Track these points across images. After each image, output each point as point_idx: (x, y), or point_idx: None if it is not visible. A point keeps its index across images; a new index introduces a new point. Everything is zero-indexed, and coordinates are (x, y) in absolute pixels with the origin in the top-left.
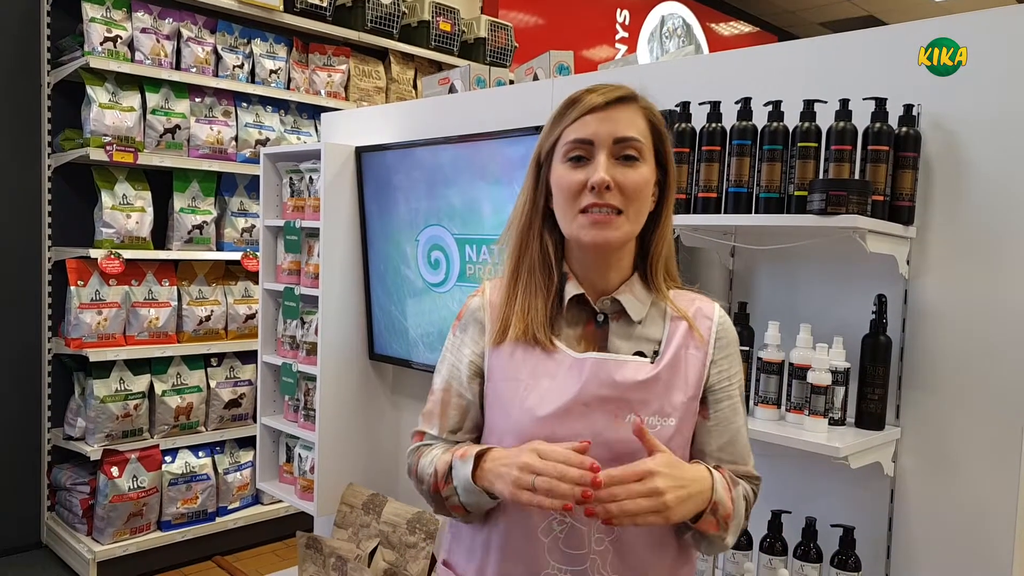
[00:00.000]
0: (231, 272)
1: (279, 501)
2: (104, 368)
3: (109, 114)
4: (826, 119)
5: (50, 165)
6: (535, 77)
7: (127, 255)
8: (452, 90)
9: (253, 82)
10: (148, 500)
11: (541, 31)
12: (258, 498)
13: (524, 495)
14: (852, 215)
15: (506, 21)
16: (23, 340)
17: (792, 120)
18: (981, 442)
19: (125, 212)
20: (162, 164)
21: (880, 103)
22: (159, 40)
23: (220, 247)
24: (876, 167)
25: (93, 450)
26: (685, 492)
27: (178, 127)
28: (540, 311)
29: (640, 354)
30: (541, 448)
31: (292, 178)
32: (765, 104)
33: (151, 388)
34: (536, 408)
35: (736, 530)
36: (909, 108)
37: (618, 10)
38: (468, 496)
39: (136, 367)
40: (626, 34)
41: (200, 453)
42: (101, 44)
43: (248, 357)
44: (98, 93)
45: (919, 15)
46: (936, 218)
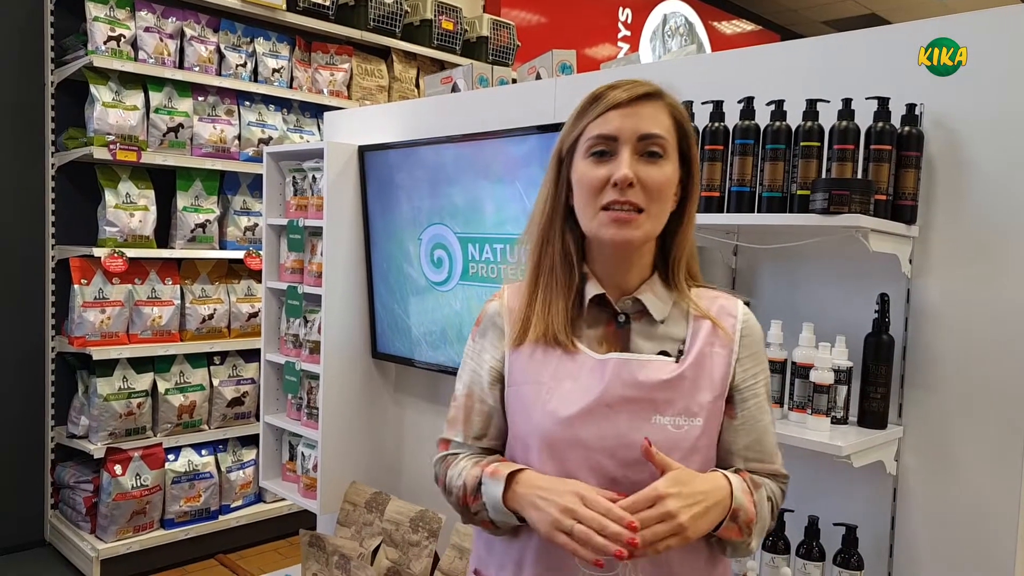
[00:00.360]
0: (234, 271)
1: (282, 499)
2: (107, 366)
3: (113, 113)
4: (828, 118)
5: (54, 164)
6: (538, 76)
7: (130, 254)
8: (455, 89)
9: (256, 81)
10: (151, 498)
11: (543, 29)
12: (261, 496)
13: (560, 538)
14: (855, 214)
15: (508, 20)
16: (27, 338)
17: (794, 119)
18: (983, 441)
19: (128, 211)
20: (165, 163)
21: (883, 102)
22: (162, 39)
23: (223, 246)
24: (879, 166)
25: (96, 448)
26: (701, 507)
27: (181, 126)
28: (561, 312)
29: (664, 353)
30: (585, 494)
31: (295, 177)
32: (768, 103)
33: (154, 386)
34: (558, 410)
35: (761, 533)
36: (912, 107)
37: (620, 8)
38: (497, 515)
39: (139, 365)
40: (628, 32)
41: (203, 451)
42: (105, 43)
43: (251, 355)
44: (102, 92)
45: (921, 13)
46: (938, 217)
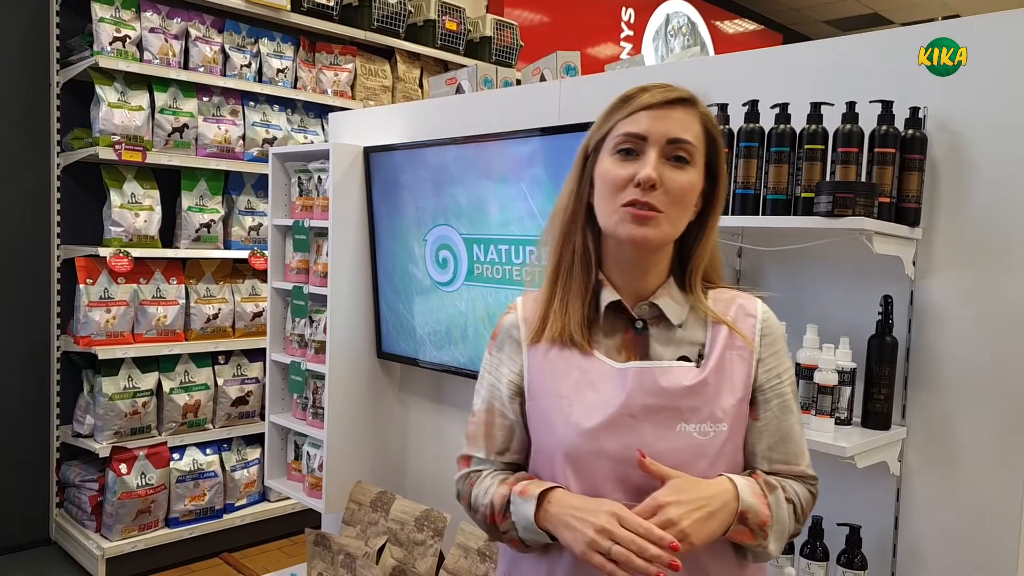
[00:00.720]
0: (238, 270)
1: (286, 498)
2: (113, 366)
3: (118, 113)
4: (832, 122)
5: (59, 164)
6: (542, 78)
7: (135, 253)
8: (459, 90)
9: (260, 81)
10: (156, 497)
11: (546, 29)
12: (265, 495)
13: (597, 559)
14: (859, 217)
15: (511, 20)
16: (32, 338)
17: (798, 122)
18: (987, 441)
19: (133, 211)
20: (170, 163)
21: (886, 106)
22: (167, 40)
23: (227, 245)
24: (882, 169)
25: (102, 447)
26: (703, 512)
27: (186, 126)
28: (577, 311)
29: (684, 359)
30: (622, 514)
31: (300, 177)
32: (772, 107)
33: (159, 386)
34: (582, 421)
35: (780, 535)
36: (915, 111)
37: (623, 8)
38: (528, 534)
39: (144, 365)
40: (631, 32)
41: (207, 450)
42: (110, 44)
43: (255, 355)
44: (107, 92)
45: (923, 13)
46: (942, 219)
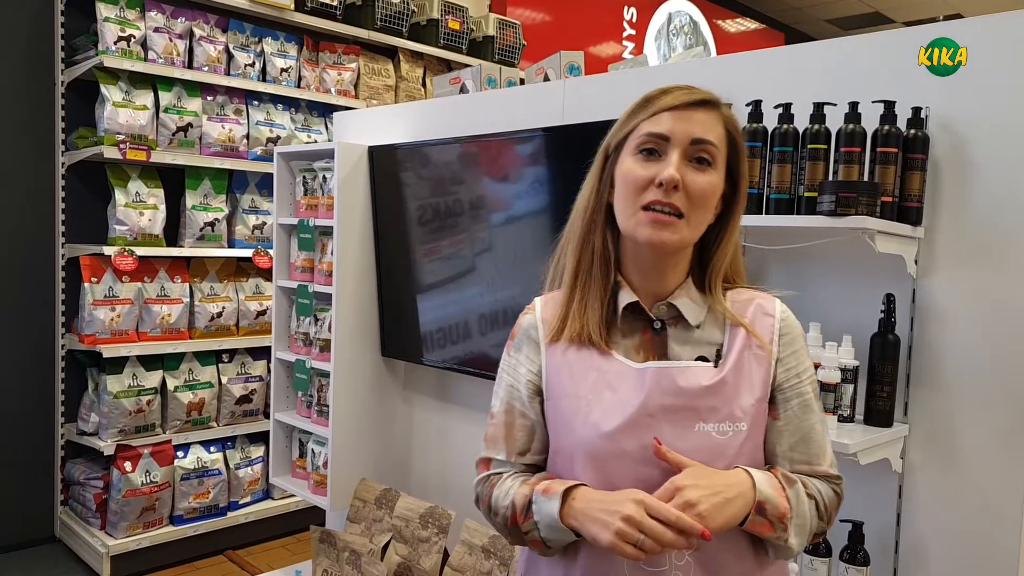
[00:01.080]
0: (242, 269)
1: (290, 496)
2: (117, 364)
3: (123, 112)
4: (834, 122)
5: (64, 163)
6: (546, 78)
7: (140, 252)
8: (463, 90)
9: (264, 80)
10: (161, 495)
11: (548, 28)
12: (269, 493)
13: (628, 549)
14: (862, 216)
15: (514, 19)
16: (37, 336)
17: (801, 122)
18: (988, 439)
19: (138, 209)
20: (174, 162)
21: (889, 106)
22: (172, 39)
23: (231, 244)
24: (885, 169)
25: (106, 445)
26: (720, 498)
27: (190, 125)
28: (596, 312)
29: (702, 359)
30: (648, 503)
31: (305, 177)
32: (775, 107)
33: (163, 384)
34: (601, 423)
35: (801, 531)
36: (917, 111)
37: (625, 7)
38: (551, 533)
39: (149, 363)
40: (633, 32)
41: (212, 448)
42: (115, 43)
43: (259, 353)
44: (112, 92)
45: (924, 12)
46: (943, 218)
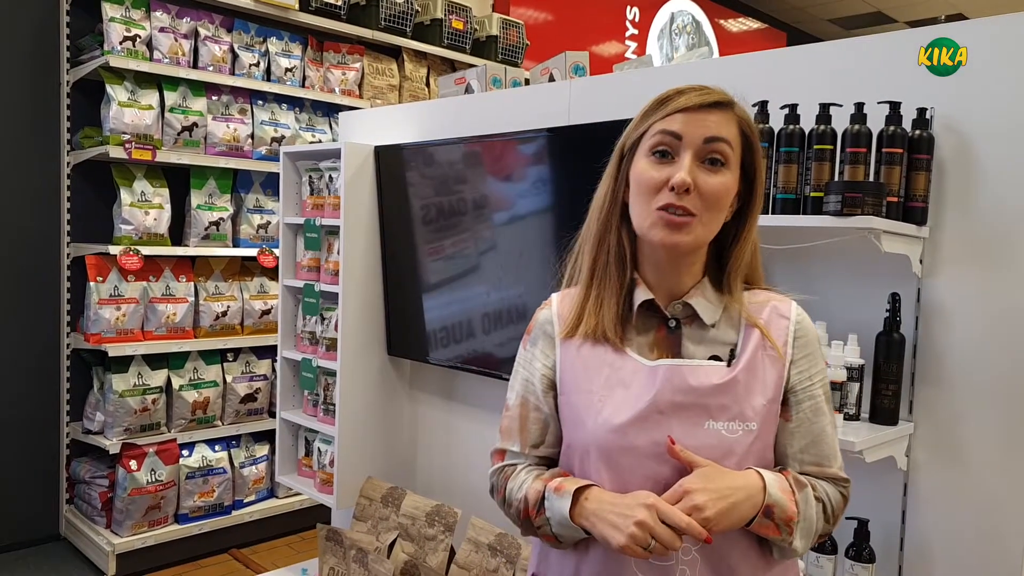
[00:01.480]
0: (247, 268)
1: (294, 495)
2: (122, 363)
3: (128, 112)
4: (840, 123)
5: (69, 163)
6: (551, 78)
7: (145, 251)
8: (468, 90)
9: (269, 80)
10: (166, 493)
11: (551, 28)
12: (273, 492)
13: (639, 552)
14: (867, 216)
15: (517, 19)
16: (42, 335)
17: (806, 123)
18: (992, 437)
19: (143, 209)
20: (180, 161)
21: (894, 106)
22: (177, 39)
23: (236, 243)
24: (890, 169)
25: (112, 444)
26: (728, 502)
27: (195, 125)
28: (611, 309)
29: (715, 358)
30: (660, 507)
31: (311, 176)
32: (781, 107)
33: (168, 383)
34: (612, 418)
35: (807, 534)
36: (922, 111)
37: (628, 7)
38: (562, 529)
39: (154, 362)
40: (636, 31)
41: (216, 447)
42: (120, 43)
43: (263, 352)
44: (117, 92)
45: (925, 11)
46: (948, 218)
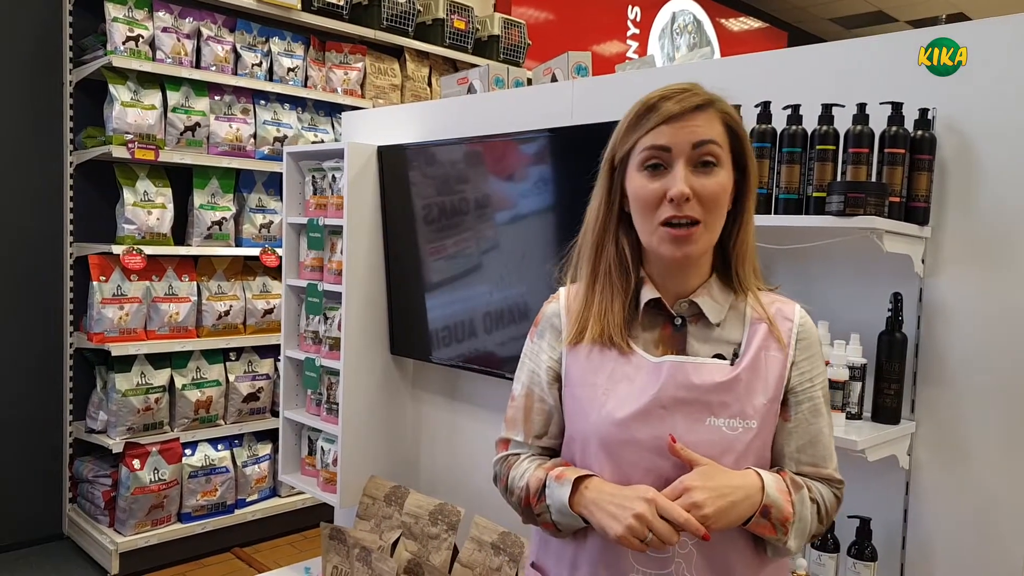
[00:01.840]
0: (249, 268)
1: (297, 494)
2: (125, 362)
3: (131, 112)
4: (842, 123)
5: (72, 162)
6: (553, 78)
7: (148, 251)
8: (471, 90)
9: (271, 80)
10: (169, 492)
11: (552, 27)
12: (276, 490)
13: (635, 543)
14: (870, 216)
15: (519, 18)
16: (46, 335)
17: (809, 124)
18: (994, 436)
19: (146, 208)
20: (182, 161)
21: (896, 107)
22: (180, 39)
23: (239, 243)
24: (892, 169)
25: (115, 443)
26: (726, 501)
27: (198, 125)
28: (617, 314)
29: (719, 356)
30: (659, 502)
31: (315, 176)
32: (784, 107)
33: (171, 382)
34: (615, 411)
35: (801, 534)
36: (924, 112)
37: (629, 7)
38: (562, 517)
39: (157, 361)
40: (637, 31)
41: (219, 446)
42: (124, 43)
43: (266, 351)
44: (120, 91)
45: (926, 10)
46: (950, 218)
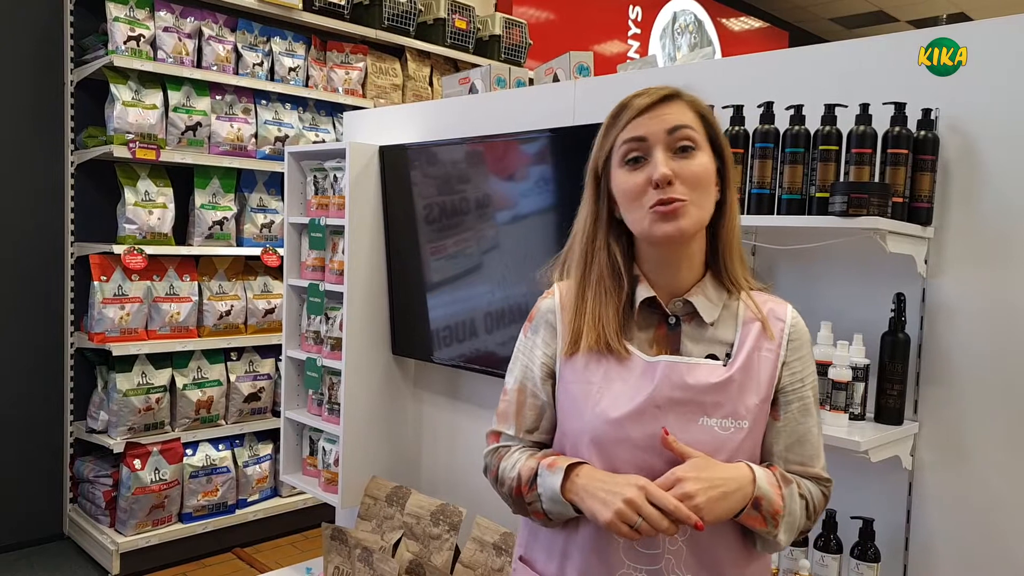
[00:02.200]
0: (250, 267)
1: (298, 494)
2: (126, 362)
3: (132, 112)
4: (845, 123)
5: (73, 162)
6: (555, 78)
7: (149, 251)
8: (473, 90)
9: (272, 80)
10: (170, 492)
11: (553, 27)
12: (277, 491)
13: (624, 529)
14: (873, 217)
15: (520, 18)
16: (46, 335)
17: (811, 124)
18: (997, 436)
19: (147, 208)
20: (183, 161)
21: (899, 107)
22: (181, 39)
23: (240, 243)
24: (895, 170)
25: (116, 443)
26: (718, 492)
27: (199, 124)
28: (612, 319)
29: (712, 357)
30: (650, 489)
31: (316, 176)
32: (787, 108)
33: (172, 382)
34: (609, 410)
35: (790, 528)
36: (927, 112)
37: (630, 6)
38: (552, 505)
39: (158, 361)
40: (638, 30)
41: (220, 446)
42: (125, 43)
43: (267, 351)
44: (121, 91)
45: (926, 10)
46: (953, 219)
